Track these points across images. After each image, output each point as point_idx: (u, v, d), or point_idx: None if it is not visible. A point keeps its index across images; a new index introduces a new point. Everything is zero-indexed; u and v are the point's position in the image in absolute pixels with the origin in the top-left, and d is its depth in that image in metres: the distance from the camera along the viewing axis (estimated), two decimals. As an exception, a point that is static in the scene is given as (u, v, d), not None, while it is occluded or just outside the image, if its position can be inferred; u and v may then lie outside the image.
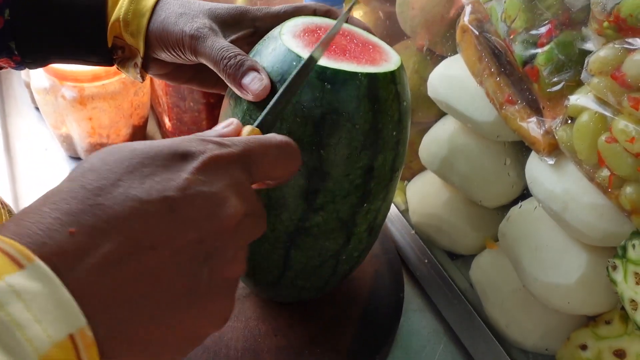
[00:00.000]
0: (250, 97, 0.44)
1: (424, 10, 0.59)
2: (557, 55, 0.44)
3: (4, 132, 0.86)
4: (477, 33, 0.51)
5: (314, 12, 0.51)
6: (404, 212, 0.72)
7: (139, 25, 0.49)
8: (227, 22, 0.50)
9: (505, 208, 0.61)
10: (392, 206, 0.73)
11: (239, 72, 0.44)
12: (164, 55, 0.50)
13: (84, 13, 0.50)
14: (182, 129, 0.79)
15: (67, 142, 0.82)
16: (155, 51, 0.50)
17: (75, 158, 0.84)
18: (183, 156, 0.29)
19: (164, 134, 0.85)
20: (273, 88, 0.44)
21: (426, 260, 0.67)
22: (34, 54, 0.51)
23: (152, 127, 0.91)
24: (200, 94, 0.73)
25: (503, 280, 0.57)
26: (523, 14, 0.46)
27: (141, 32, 0.49)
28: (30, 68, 0.53)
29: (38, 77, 0.76)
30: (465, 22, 0.52)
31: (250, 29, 0.50)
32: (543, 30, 0.45)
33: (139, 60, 0.51)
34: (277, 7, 0.51)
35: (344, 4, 0.67)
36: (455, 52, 0.59)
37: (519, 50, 0.47)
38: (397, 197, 0.74)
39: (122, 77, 0.77)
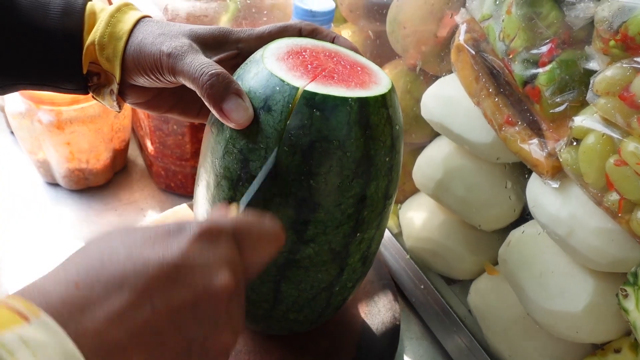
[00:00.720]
0: (232, 125, 0.41)
1: (416, 29, 0.58)
2: (560, 75, 0.42)
3: (-23, 158, 0.82)
4: (473, 52, 0.49)
5: (300, 32, 0.48)
6: (397, 236, 0.70)
7: (115, 48, 0.46)
8: (209, 43, 0.47)
9: (503, 231, 0.59)
10: (385, 231, 0.71)
11: (220, 94, 0.41)
12: (142, 80, 0.47)
13: (59, 37, 0.47)
14: (166, 153, 0.76)
15: (45, 168, 0.78)
16: (132, 76, 0.47)
17: (53, 184, 0.80)
18: (180, 228, 0.32)
19: (146, 158, 0.82)
20: (255, 116, 0.41)
21: (422, 286, 0.65)
22: (1, 80, 0.48)
23: (133, 151, 0.88)
24: (184, 116, 0.70)
25: (504, 307, 0.55)
26: (523, 33, 0.44)
27: (117, 56, 0.46)
28: None
29: (13, 100, 0.73)
30: (461, 41, 0.50)
31: (233, 51, 0.48)
32: (544, 49, 0.44)
33: (115, 87, 0.48)
34: (262, 28, 0.48)
35: (331, 24, 0.65)
36: (449, 72, 0.58)
37: (518, 70, 0.45)
38: (390, 221, 0.71)
39: (102, 100, 0.74)
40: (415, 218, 0.66)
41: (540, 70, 0.44)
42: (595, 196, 0.42)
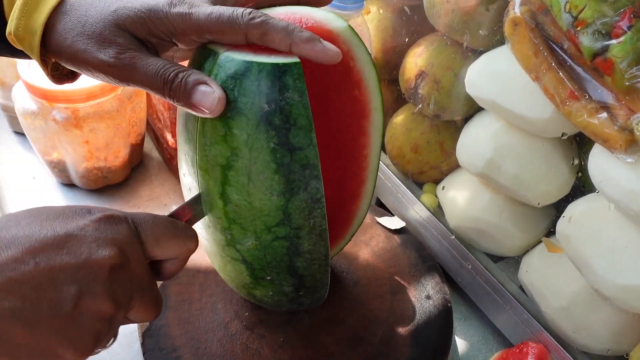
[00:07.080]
0: (208, 115, 0.39)
1: (461, 3, 0.55)
2: (636, 46, 0.41)
3: (-15, 162, 0.78)
4: (532, 25, 0.48)
5: (245, 38, 0.40)
6: (438, 216, 0.68)
7: (32, 44, 0.42)
8: (139, 32, 0.41)
9: (552, 205, 0.59)
10: (424, 210, 0.69)
11: (186, 93, 0.39)
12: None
13: None
14: (188, 145, 0.73)
15: (59, 168, 0.74)
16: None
17: (68, 185, 0.77)
18: (88, 211, 0.37)
19: (164, 151, 0.79)
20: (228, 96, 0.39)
21: (469, 266, 0.64)
22: None
23: (147, 144, 0.84)
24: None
25: (565, 283, 0.54)
26: (593, 3, 0.42)
27: (34, 51, 0.42)
28: None
29: (23, 100, 0.69)
30: (517, 13, 0.48)
31: (168, 44, 0.42)
32: (618, 19, 0.42)
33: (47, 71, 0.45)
34: (200, 16, 0.40)
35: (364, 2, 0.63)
36: (495, 46, 0.56)
37: (587, 41, 0.44)
38: (426, 200, 0.70)
39: (118, 93, 0.70)
40: (459, 197, 0.64)
41: (613, 41, 0.42)
42: (678, 169, 0.41)
